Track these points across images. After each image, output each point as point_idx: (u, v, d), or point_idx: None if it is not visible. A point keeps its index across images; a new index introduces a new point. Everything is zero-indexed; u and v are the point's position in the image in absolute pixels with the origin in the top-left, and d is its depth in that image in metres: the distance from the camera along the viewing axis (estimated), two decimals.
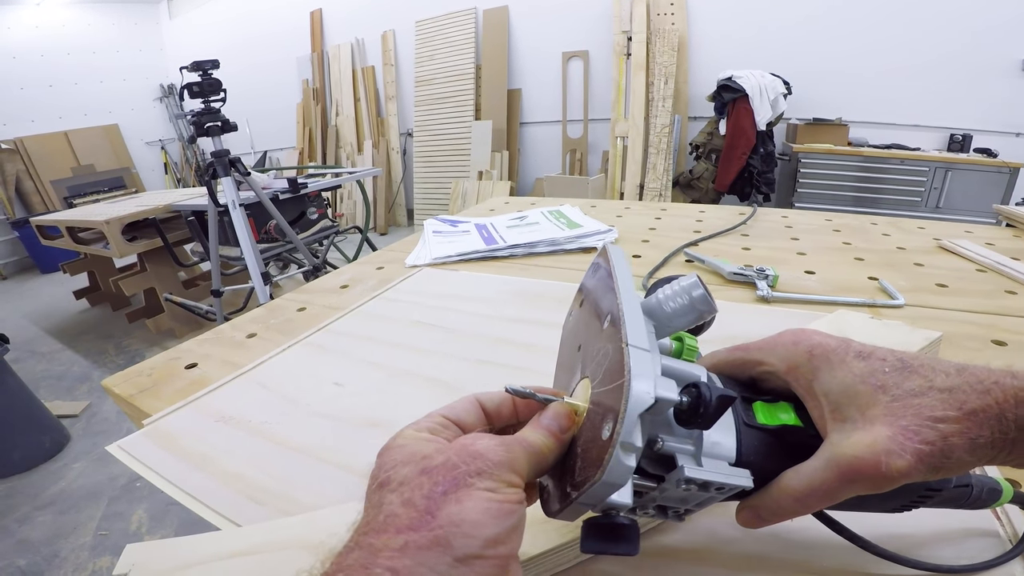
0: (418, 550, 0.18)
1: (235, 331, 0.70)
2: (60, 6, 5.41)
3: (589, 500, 0.21)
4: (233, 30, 5.68)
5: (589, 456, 0.21)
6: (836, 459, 0.21)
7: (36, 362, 2.78)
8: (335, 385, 0.52)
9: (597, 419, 0.21)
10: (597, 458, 0.20)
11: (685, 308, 0.26)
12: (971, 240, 0.91)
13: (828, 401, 0.23)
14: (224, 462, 0.42)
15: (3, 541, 1.57)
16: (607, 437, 0.19)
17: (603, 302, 0.26)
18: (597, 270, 0.30)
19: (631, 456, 0.19)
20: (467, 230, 1.05)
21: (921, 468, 0.20)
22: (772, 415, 0.25)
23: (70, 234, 2.81)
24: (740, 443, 0.23)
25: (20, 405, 1.91)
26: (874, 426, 0.21)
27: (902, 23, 2.83)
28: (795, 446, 0.24)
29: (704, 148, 3.17)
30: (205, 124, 1.85)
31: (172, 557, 0.32)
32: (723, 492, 0.22)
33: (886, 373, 0.22)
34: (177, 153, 6.44)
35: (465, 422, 0.25)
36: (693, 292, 0.26)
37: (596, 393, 0.23)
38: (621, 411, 0.19)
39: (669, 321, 0.26)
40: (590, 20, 3.63)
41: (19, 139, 5.13)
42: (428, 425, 0.24)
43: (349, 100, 4.90)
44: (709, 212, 1.17)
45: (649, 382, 0.20)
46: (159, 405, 0.53)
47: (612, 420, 0.19)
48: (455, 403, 0.26)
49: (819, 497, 0.22)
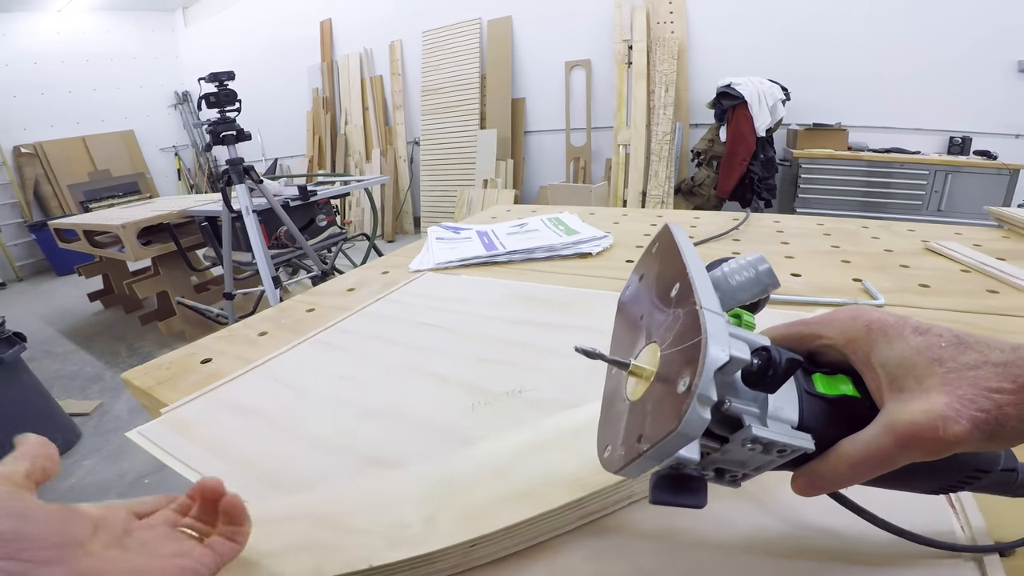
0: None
1: (248, 329, 0.75)
2: (81, 12, 5.54)
3: (659, 454, 0.21)
4: (246, 39, 5.79)
5: (663, 410, 0.21)
6: (893, 425, 0.22)
7: (51, 362, 2.85)
8: (340, 379, 0.56)
9: (671, 376, 0.22)
10: (672, 410, 0.20)
11: (751, 281, 0.27)
12: (959, 242, 0.93)
13: (885, 372, 0.24)
14: (236, 447, 0.46)
15: None
16: (683, 390, 0.20)
17: (670, 272, 0.27)
18: (658, 246, 0.31)
19: (706, 408, 0.19)
20: (469, 237, 1.09)
21: (977, 435, 0.21)
22: (832, 385, 0.26)
23: (87, 237, 2.89)
24: (802, 410, 0.24)
25: (35, 402, 1.96)
26: (930, 395, 0.22)
27: (899, 27, 2.86)
28: (853, 417, 0.24)
29: (705, 155, 3.20)
30: (221, 133, 1.92)
31: None
32: (784, 455, 0.23)
33: (942, 347, 0.23)
34: (191, 159, 6.56)
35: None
36: (759, 266, 0.27)
37: (667, 354, 0.23)
38: (699, 366, 0.20)
39: (734, 294, 0.27)
40: (592, 29, 3.69)
41: (39, 143, 5.26)
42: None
43: (358, 109, 4.98)
44: (704, 218, 1.20)
45: (724, 342, 0.21)
46: (175, 396, 0.56)
47: (689, 374, 0.20)
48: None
49: (875, 463, 0.23)
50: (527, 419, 0.44)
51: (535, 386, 0.51)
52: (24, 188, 5.24)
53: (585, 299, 0.73)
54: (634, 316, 0.31)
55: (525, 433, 0.40)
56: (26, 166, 5.21)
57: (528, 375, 0.53)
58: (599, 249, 0.95)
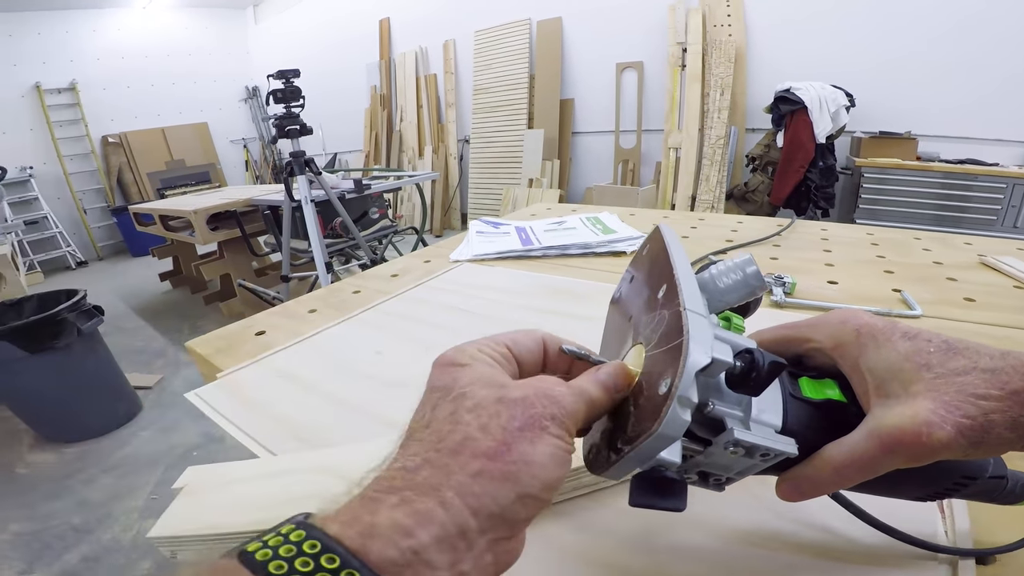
0: (491, 480, 0.19)
1: (299, 307, 0.81)
2: (163, 10, 5.95)
3: (640, 456, 0.21)
4: (310, 36, 6.06)
5: (644, 412, 0.21)
6: (878, 430, 0.22)
7: (121, 336, 3.08)
8: (376, 353, 0.61)
9: (653, 378, 0.22)
10: (653, 412, 0.20)
11: (738, 283, 0.26)
12: (1020, 257, 0.89)
13: (873, 377, 0.24)
14: (277, 408, 0.51)
15: (66, 500, 1.72)
16: (664, 392, 0.20)
17: (658, 274, 0.27)
18: (648, 248, 0.31)
19: (687, 410, 0.19)
20: (507, 232, 1.12)
21: (962, 441, 0.20)
22: (818, 390, 0.25)
23: (161, 222, 3.13)
24: (786, 413, 0.24)
25: (106, 373, 2.12)
26: (916, 400, 0.22)
27: (976, 31, 2.67)
28: (838, 422, 0.24)
29: (760, 160, 3.10)
30: (286, 127, 2.04)
31: (220, 476, 0.40)
32: (767, 459, 0.23)
33: (931, 352, 0.23)
34: (257, 152, 6.93)
35: (525, 360, 0.26)
36: (747, 268, 0.27)
37: (652, 355, 0.23)
38: (680, 367, 0.20)
39: (722, 296, 0.27)
40: (645, 31, 3.64)
41: (124, 134, 5.71)
42: (491, 352, 0.24)
43: (412, 106, 5.13)
44: (747, 223, 1.19)
45: (707, 344, 0.20)
46: (231, 363, 0.62)
47: (670, 376, 0.20)
48: (520, 336, 0.26)
49: (859, 468, 0.22)
50: None
51: None
52: (109, 175, 5.71)
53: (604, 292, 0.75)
54: (623, 317, 0.31)
55: None
56: (112, 155, 5.68)
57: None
58: (633, 249, 0.97)
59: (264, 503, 0.36)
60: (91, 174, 5.60)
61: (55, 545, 1.53)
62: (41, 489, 1.79)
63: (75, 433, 2.04)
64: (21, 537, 1.58)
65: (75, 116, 5.38)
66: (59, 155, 5.30)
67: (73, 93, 5.34)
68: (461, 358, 0.24)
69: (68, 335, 1.85)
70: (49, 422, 2.04)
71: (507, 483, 0.19)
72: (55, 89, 5.24)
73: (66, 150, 5.35)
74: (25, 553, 1.51)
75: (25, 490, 1.80)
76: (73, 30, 5.32)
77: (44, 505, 1.71)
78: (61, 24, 5.23)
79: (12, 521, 1.64)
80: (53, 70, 5.21)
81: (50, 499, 1.73)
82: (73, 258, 5.28)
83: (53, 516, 1.65)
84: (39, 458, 1.97)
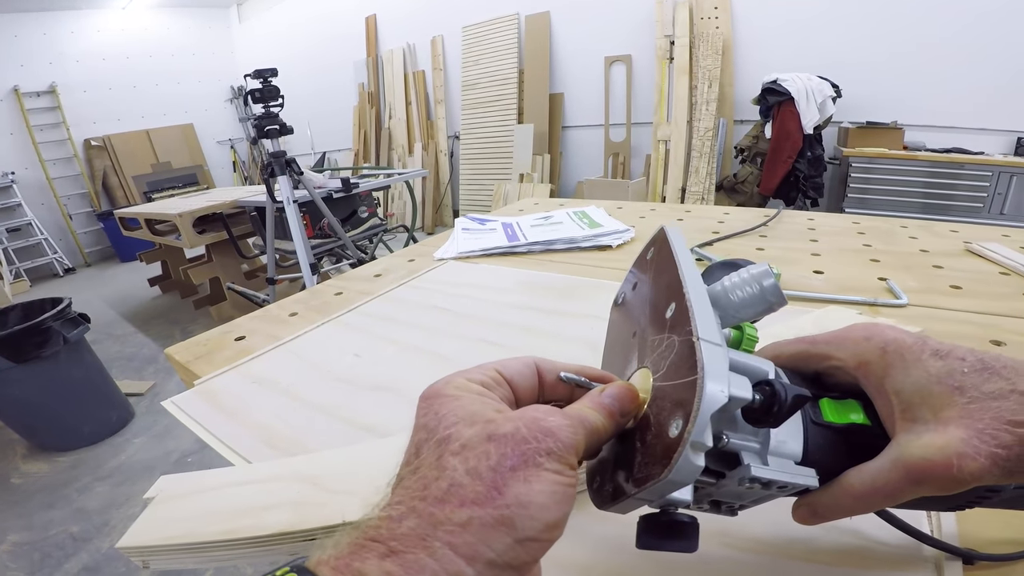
0: (482, 527, 0.17)
1: (280, 310, 0.80)
2: (143, 10, 5.86)
3: (648, 496, 0.20)
4: (296, 35, 6.00)
5: (653, 452, 0.20)
6: (904, 460, 0.21)
7: (112, 343, 3.05)
8: (354, 356, 0.59)
9: (663, 414, 0.20)
10: (663, 455, 0.19)
11: (754, 298, 0.24)
12: (1005, 244, 0.88)
13: (900, 400, 0.22)
14: (252, 414, 0.50)
15: (63, 509, 1.71)
16: (676, 435, 0.19)
17: (664, 286, 0.25)
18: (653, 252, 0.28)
19: (700, 456, 0.18)
20: (494, 228, 1.11)
21: (995, 472, 0.19)
22: (841, 414, 0.24)
23: (147, 225, 3.09)
24: (807, 442, 0.22)
25: (95, 381, 2.09)
26: (947, 428, 0.20)
27: (963, 21, 2.68)
28: (861, 445, 0.23)
29: (749, 152, 3.11)
30: (265, 127, 2.02)
31: (192, 485, 0.39)
32: (785, 491, 0.22)
33: (964, 374, 0.21)
34: (245, 152, 6.86)
35: (519, 384, 0.24)
36: (764, 281, 0.24)
37: (661, 387, 0.21)
38: (694, 410, 0.18)
39: (736, 312, 0.25)
40: (632, 24, 3.63)
41: (107, 136, 5.63)
42: (481, 378, 0.23)
43: (401, 103, 5.09)
44: (733, 214, 1.18)
45: (723, 380, 0.19)
46: (209, 370, 0.61)
47: (682, 418, 0.18)
48: (511, 361, 0.25)
49: (882, 497, 0.21)
50: None
51: None
52: (93, 179, 5.63)
53: (586, 287, 0.75)
54: (627, 328, 0.29)
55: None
56: (95, 158, 5.60)
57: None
58: (619, 242, 0.96)
59: (235, 511, 0.36)
60: (75, 179, 5.52)
61: (55, 554, 1.52)
62: (37, 499, 1.77)
63: (68, 442, 2.02)
64: (21, 547, 1.57)
65: (56, 120, 5.30)
66: (41, 160, 5.22)
67: (53, 96, 5.25)
68: (447, 389, 0.22)
69: (54, 344, 1.83)
70: (41, 431, 2.02)
71: (502, 528, 0.18)
72: (34, 92, 5.15)
73: (48, 154, 5.27)
74: (25, 563, 1.50)
75: (21, 500, 1.78)
76: (51, 32, 5.23)
77: (41, 515, 1.70)
78: (38, 26, 5.14)
79: (10, 532, 1.63)
80: (31, 73, 5.12)
81: (47, 509, 1.72)
82: (60, 265, 5.21)
83: (51, 526, 1.64)
84: (33, 468, 1.95)
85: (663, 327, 0.23)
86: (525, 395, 0.24)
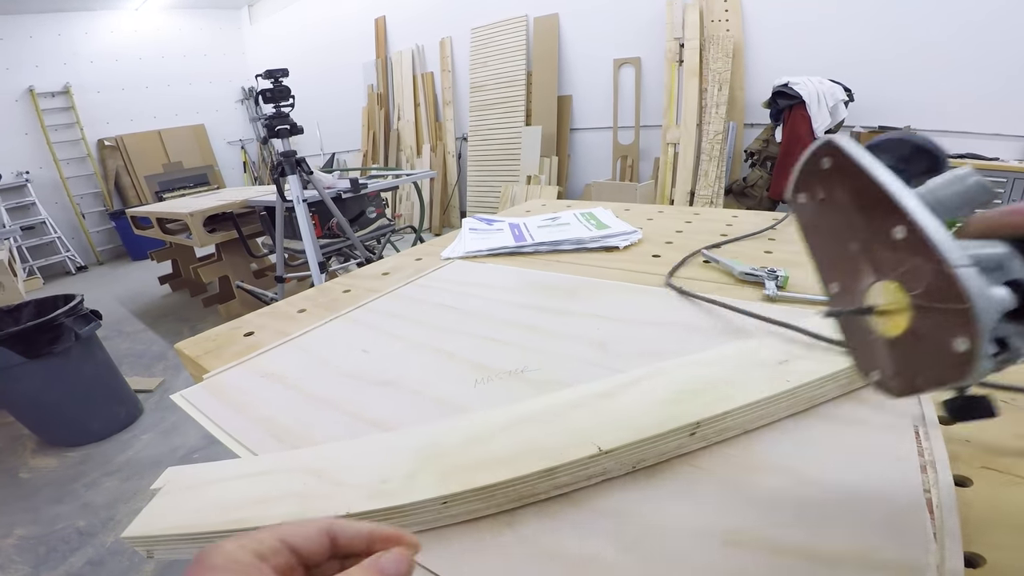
0: None
1: (289, 307, 0.80)
2: (156, 11, 5.94)
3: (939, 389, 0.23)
4: (306, 36, 6.05)
5: (941, 361, 0.22)
6: None
7: (122, 340, 3.09)
8: (362, 352, 0.60)
9: (939, 333, 0.22)
10: (954, 366, 0.21)
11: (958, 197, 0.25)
12: None
13: None
14: (260, 408, 0.51)
15: (70, 504, 1.72)
16: (964, 350, 0.21)
17: (871, 202, 0.25)
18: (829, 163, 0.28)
19: (990, 360, 0.21)
20: (501, 228, 1.11)
21: None
22: None
23: (159, 224, 3.12)
24: None
25: (105, 377, 2.12)
26: None
27: (976, 23, 2.65)
28: None
29: (759, 156, 3.09)
30: (276, 127, 2.04)
31: (198, 477, 0.40)
32: None
33: None
34: (255, 152, 6.93)
35: (304, 551, 0.23)
36: (968, 180, 0.25)
37: (926, 307, 0.23)
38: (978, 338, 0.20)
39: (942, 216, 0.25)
40: (642, 27, 3.63)
41: (120, 137, 5.70)
42: (256, 547, 0.22)
43: (410, 105, 5.12)
44: (742, 217, 1.18)
45: (993, 305, 0.20)
46: (218, 364, 0.62)
47: (966, 336, 0.21)
48: (299, 526, 0.24)
49: None
50: (524, 396, 0.46)
51: (537, 366, 0.53)
52: (106, 179, 5.71)
53: (592, 287, 0.74)
54: (841, 242, 0.28)
55: (516, 408, 0.42)
56: (108, 158, 5.67)
57: (532, 356, 0.55)
58: (626, 243, 0.96)
59: (240, 502, 0.36)
60: (88, 178, 5.59)
61: (60, 548, 1.54)
62: (45, 493, 1.79)
63: (77, 437, 2.04)
64: (27, 541, 1.58)
65: (70, 120, 5.38)
66: (55, 159, 5.29)
67: (67, 96, 5.33)
68: (216, 559, 0.21)
69: (66, 340, 1.85)
70: (51, 427, 2.04)
71: None
72: (48, 92, 5.23)
73: (62, 154, 5.34)
74: (30, 557, 1.52)
75: (29, 494, 1.80)
76: (65, 33, 5.31)
77: (48, 509, 1.71)
78: (53, 27, 5.22)
79: (17, 525, 1.65)
80: (46, 73, 5.20)
81: (54, 503, 1.74)
82: (73, 263, 5.28)
83: (57, 520, 1.65)
84: (42, 463, 1.97)
85: (895, 247, 0.24)
86: (314, 558, 0.24)
